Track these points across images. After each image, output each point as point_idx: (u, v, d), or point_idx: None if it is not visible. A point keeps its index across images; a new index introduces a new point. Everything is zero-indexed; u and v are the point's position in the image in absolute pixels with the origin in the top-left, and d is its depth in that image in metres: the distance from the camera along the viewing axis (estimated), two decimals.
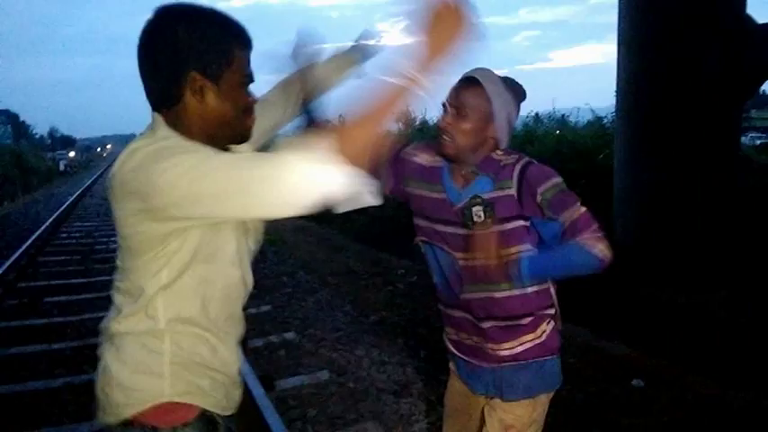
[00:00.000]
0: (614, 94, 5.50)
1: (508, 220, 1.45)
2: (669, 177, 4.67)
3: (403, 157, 1.61)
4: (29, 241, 7.74)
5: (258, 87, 1.18)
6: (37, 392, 3.29)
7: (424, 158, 1.58)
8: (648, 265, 4.35)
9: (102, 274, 6.27)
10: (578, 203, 1.47)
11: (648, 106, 4.86)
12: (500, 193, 1.44)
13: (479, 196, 1.46)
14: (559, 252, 1.47)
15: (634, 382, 3.14)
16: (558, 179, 1.47)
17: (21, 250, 7.04)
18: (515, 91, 1.47)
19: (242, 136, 1.15)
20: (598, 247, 1.44)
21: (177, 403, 1.12)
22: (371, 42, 1.48)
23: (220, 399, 1.18)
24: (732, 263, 4.34)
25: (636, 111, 5.04)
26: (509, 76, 1.49)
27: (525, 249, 1.46)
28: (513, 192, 1.44)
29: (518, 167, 1.45)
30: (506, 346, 1.52)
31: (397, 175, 1.61)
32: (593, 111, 8.42)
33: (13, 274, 6.08)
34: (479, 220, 1.45)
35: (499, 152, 1.49)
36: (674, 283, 4.22)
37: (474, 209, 1.46)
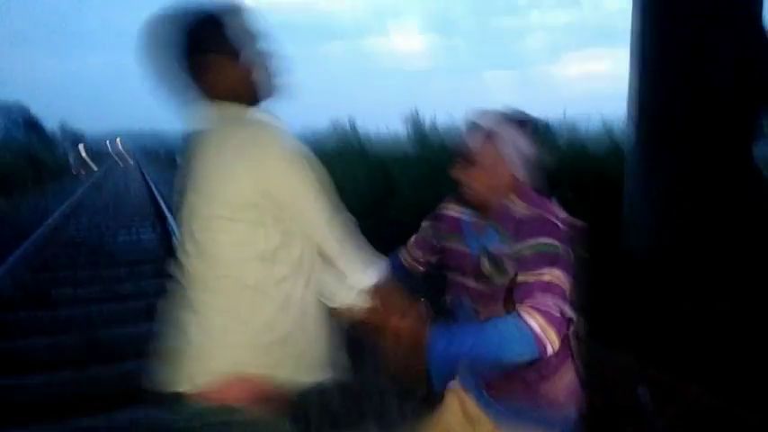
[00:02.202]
0: (626, 100, 5.47)
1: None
2: (679, 186, 4.64)
3: (439, 212, 1.62)
4: (36, 233, 7.79)
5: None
6: (40, 385, 3.29)
7: (452, 209, 1.58)
8: (657, 274, 4.32)
9: (109, 267, 6.31)
10: (552, 269, 1.28)
11: (660, 115, 4.83)
12: (505, 249, 1.38)
13: (487, 249, 1.42)
14: (474, 328, 1.32)
15: (639, 391, 3.11)
16: (546, 239, 1.32)
17: (28, 242, 7.08)
18: (523, 123, 1.43)
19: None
20: (534, 319, 1.21)
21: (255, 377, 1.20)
22: None
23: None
24: (742, 275, 4.30)
25: (647, 119, 5.01)
26: (520, 110, 1.46)
27: None
28: (518, 249, 1.36)
29: (528, 224, 1.36)
30: (542, 388, 1.45)
31: (435, 234, 1.63)
32: (604, 119, 8.34)
33: (21, 266, 6.11)
34: (488, 274, 1.42)
35: (516, 199, 1.41)
36: (682, 292, 4.18)
37: (482, 261, 1.43)
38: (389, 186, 8.70)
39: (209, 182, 1.15)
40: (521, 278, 1.31)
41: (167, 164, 33.56)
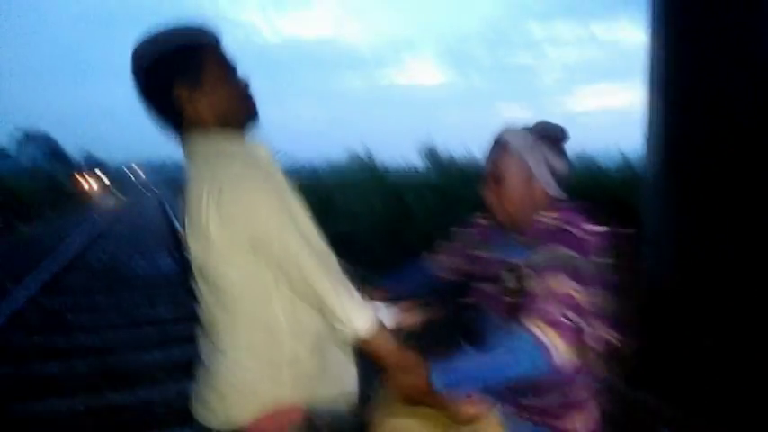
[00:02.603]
0: (642, 135, 5.45)
1: None
2: (699, 220, 4.58)
3: (472, 221, 1.62)
4: (53, 258, 7.88)
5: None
6: (55, 412, 3.28)
7: (484, 218, 1.57)
8: (679, 310, 4.24)
9: (125, 290, 6.34)
10: (563, 277, 1.23)
11: (677, 148, 4.80)
12: (527, 261, 1.35)
13: (510, 261, 1.40)
14: (475, 355, 1.21)
15: None
16: (564, 249, 1.27)
17: (45, 267, 7.17)
18: (551, 133, 1.41)
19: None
20: (534, 325, 1.17)
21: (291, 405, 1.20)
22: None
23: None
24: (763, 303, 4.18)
25: (664, 153, 4.99)
26: (543, 120, 1.44)
27: None
28: (537, 261, 1.32)
29: (549, 234, 1.33)
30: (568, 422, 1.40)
31: (465, 241, 1.61)
32: (623, 154, 8.28)
33: (38, 290, 6.17)
34: (512, 286, 1.39)
35: (546, 213, 1.38)
36: (704, 328, 4.09)
37: (505, 273, 1.41)
38: (405, 214, 8.72)
39: (199, 222, 1.13)
40: (530, 287, 1.28)
41: None
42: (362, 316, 1.16)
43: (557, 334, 1.17)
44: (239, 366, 1.18)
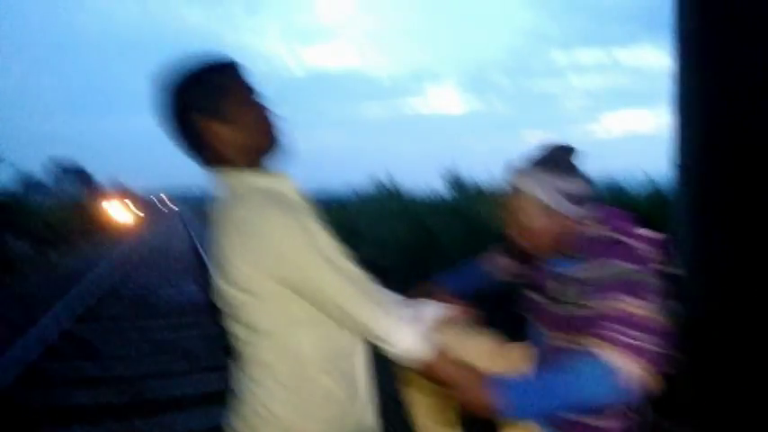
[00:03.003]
0: (668, 160, 5.36)
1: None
2: (739, 248, 4.45)
3: None
4: (85, 287, 7.99)
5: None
6: None
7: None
8: (720, 340, 4.10)
9: (154, 318, 6.39)
10: (624, 296, 1.19)
11: (709, 174, 4.70)
12: (575, 273, 1.32)
13: (559, 273, 1.37)
14: (544, 378, 1.19)
15: None
16: (619, 262, 1.23)
17: (76, 295, 7.26)
18: (557, 155, 1.37)
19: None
20: (608, 352, 1.13)
21: None
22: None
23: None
24: None
25: (695, 178, 4.88)
26: (553, 142, 1.39)
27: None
28: (588, 274, 1.29)
29: (599, 245, 1.29)
30: None
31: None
32: (652, 180, 8.10)
33: (68, 318, 6.26)
34: (557, 296, 1.37)
35: (588, 221, 1.34)
36: (747, 358, 3.94)
37: (552, 283, 1.39)
38: (431, 241, 8.68)
39: (225, 260, 1.12)
40: (590, 305, 1.24)
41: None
42: (411, 336, 1.13)
43: (623, 357, 1.14)
44: (269, 398, 1.17)
